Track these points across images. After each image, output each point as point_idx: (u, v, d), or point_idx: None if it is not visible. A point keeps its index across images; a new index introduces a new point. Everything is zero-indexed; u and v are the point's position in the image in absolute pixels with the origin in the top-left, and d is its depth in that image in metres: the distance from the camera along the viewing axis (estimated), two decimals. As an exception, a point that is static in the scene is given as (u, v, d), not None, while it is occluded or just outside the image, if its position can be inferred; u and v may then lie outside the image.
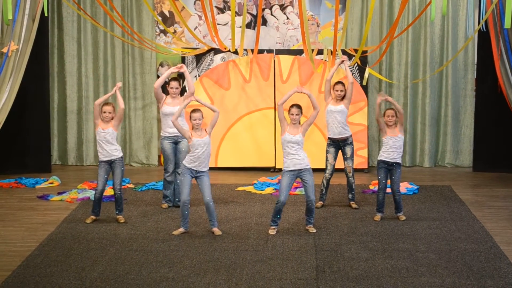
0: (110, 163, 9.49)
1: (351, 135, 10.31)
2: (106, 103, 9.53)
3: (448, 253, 8.33)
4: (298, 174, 8.99)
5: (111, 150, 9.45)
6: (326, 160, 10.35)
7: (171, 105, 10.10)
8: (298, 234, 9.08)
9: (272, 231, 9.11)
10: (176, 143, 10.20)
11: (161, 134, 10.33)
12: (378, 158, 9.74)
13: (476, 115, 13.10)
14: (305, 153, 9.03)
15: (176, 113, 9.16)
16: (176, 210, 10.05)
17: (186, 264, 7.92)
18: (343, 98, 10.21)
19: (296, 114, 9.00)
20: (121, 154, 9.54)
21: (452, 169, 13.40)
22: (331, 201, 10.73)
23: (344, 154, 10.31)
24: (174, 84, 10.19)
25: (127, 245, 8.62)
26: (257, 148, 12.94)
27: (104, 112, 9.41)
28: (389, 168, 9.65)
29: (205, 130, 9.06)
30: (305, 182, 9.02)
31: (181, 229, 9.09)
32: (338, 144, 10.28)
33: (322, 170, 10.48)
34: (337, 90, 10.19)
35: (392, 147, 9.59)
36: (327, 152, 10.35)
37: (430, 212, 10.16)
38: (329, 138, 10.32)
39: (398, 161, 9.64)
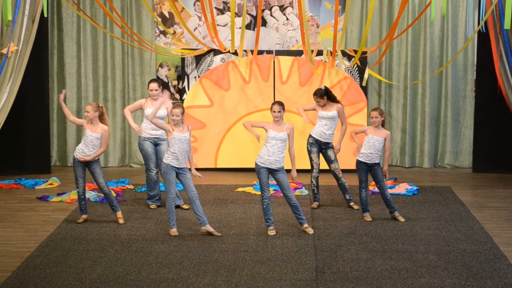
0: (86, 164, 9.50)
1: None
2: (89, 103, 9.66)
3: (447, 254, 8.33)
4: (272, 172, 9.05)
5: (90, 153, 9.46)
6: (311, 160, 10.32)
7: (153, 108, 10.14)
8: (297, 235, 9.08)
9: (271, 232, 9.10)
10: (156, 144, 10.23)
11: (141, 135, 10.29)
12: (357, 158, 9.76)
13: (476, 116, 13.10)
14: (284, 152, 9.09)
15: (153, 112, 9.28)
16: (178, 211, 10.05)
17: (185, 265, 7.92)
18: (324, 105, 10.24)
19: (278, 111, 9.05)
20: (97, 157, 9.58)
21: (452, 170, 13.40)
22: (331, 202, 10.73)
23: (327, 157, 10.30)
24: (153, 86, 10.20)
25: (126, 246, 8.62)
26: (257, 149, 12.88)
27: (87, 111, 9.41)
28: (368, 168, 9.68)
29: (188, 127, 9.09)
30: (279, 181, 9.06)
31: (175, 229, 9.08)
32: (320, 145, 10.29)
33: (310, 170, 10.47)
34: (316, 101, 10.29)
35: (371, 147, 9.62)
36: (310, 152, 10.32)
37: (430, 213, 10.16)
38: (312, 136, 10.32)
39: (376, 161, 9.67)
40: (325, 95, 10.22)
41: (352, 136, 9.98)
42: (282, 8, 13.32)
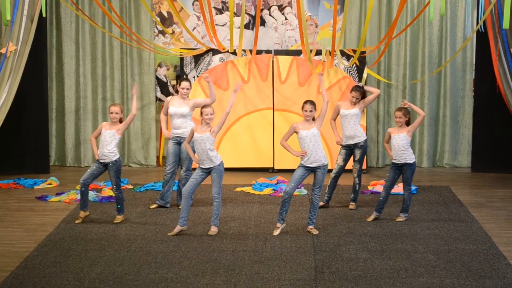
0: (105, 165, 9.46)
1: (364, 140, 10.27)
2: (113, 103, 9.59)
3: (446, 253, 8.34)
4: (313, 170, 9.02)
5: (106, 153, 9.40)
6: (337, 160, 10.38)
7: (177, 106, 10.12)
8: (296, 234, 9.07)
9: (276, 232, 9.04)
10: (179, 143, 10.21)
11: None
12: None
13: (475, 116, 13.11)
14: (323, 149, 9.06)
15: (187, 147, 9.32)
16: (175, 211, 10.06)
17: (185, 265, 7.92)
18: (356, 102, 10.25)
19: (310, 111, 9.03)
20: (116, 158, 9.44)
21: (451, 169, 13.41)
22: (330, 202, 10.71)
23: (354, 156, 10.33)
24: (185, 84, 10.22)
25: (125, 245, 8.62)
26: (256, 148, 12.93)
27: (111, 113, 9.38)
28: (400, 168, 9.61)
29: (211, 127, 8.98)
30: (315, 176, 9.04)
31: (177, 227, 9.05)
32: (350, 146, 10.28)
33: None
34: (353, 97, 10.23)
35: (394, 147, 9.55)
36: (339, 153, 10.37)
37: (429, 213, 10.16)
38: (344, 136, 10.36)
39: (407, 161, 9.56)
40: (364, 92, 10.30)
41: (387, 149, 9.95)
42: (281, 8, 13.33)
